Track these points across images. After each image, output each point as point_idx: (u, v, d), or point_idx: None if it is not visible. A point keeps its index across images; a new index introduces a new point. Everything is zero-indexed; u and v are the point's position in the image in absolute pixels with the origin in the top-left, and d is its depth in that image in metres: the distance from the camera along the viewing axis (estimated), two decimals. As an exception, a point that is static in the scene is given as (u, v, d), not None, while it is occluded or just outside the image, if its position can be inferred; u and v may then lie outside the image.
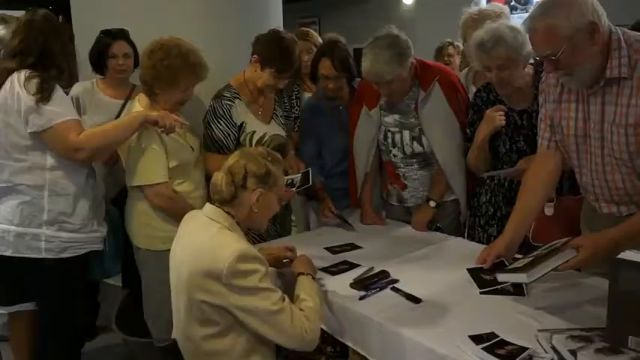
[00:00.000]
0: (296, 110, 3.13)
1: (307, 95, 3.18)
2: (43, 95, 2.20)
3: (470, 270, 2.05)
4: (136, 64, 2.89)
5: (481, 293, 1.92)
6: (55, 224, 2.31)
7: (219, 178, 1.86)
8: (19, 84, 2.21)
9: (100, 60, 2.90)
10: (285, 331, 1.73)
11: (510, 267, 1.90)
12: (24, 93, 2.20)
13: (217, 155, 2.55)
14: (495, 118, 2.37)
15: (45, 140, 2.25)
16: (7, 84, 2.23)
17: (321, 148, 2.96)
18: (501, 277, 1.87)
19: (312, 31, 3.53)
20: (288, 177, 2.45)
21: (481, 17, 2.75)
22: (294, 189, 2.54)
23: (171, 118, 2.35)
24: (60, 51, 2.28)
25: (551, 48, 1.72)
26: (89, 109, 2.89)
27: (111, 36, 2.87)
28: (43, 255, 2.31)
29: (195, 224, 1.88)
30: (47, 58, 2.26)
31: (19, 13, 2.49)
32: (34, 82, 2.20)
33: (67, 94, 2.41)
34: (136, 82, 2.75)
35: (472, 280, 2.01)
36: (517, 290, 1.92)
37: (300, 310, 1.79)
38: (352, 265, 2.23)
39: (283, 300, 1.76)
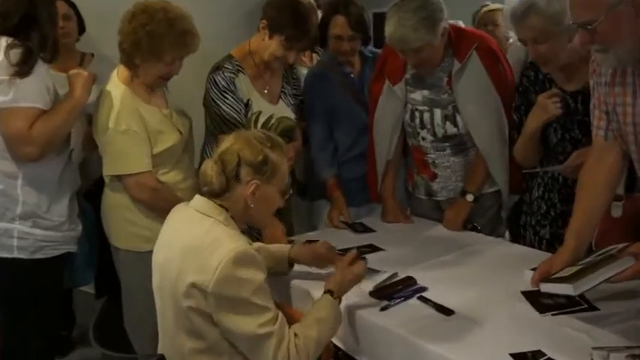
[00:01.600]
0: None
1: (304, 71, 3.16)
2: (23, 69, 2.19)
3: (526, 294, 2.00)
4: (81, 30, 2.91)
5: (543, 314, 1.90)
6: (29, 219, 2.32)
7: (208, 166, 1.86)
8: None
9: None
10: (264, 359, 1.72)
11: (556, 275, 1.89)
12: (2, 60, 2.19)
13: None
14: (549, 106, 2.33)
15: None
16: None
17: (332, 126, 2.95)
18: (545, 286, 1.87)
19: None
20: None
21: None
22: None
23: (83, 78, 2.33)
24: (46, 15, 2.27)
25: (589, 14, 1.71)
26: None
27: None
28: (15, 254, 2.32)
29: (184, 219, 1.88)
30: (32, 23, 2.24)
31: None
32: (18, 51, 2.19)
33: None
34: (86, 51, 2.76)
35: (523, 298, 1.98)
36: (588, 305, 1.90)
37: (295, 335, 1.77)
38: (372, 271, 2.22)
39: (274, 321, 1.74)
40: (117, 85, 2.46)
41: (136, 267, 2.47)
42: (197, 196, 1.89)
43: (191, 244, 1.77)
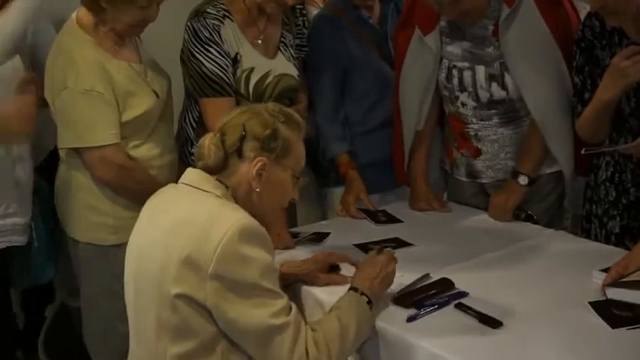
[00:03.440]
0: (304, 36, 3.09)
1: (314, 11, 3.19)
2: None
3: (595, 303, 1.99)
4: None
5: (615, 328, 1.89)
6: None
7: (207, 138, 1.90)
8: None
9: None
10: (277, 357, 1.75)
11: (625, 279, 1.92)
12: None
13: (220, 99, 2.59)
14: (628, 68, 2.27)
15: None
16: None
17: (343, 86, 2.95)
18: (612, 292, 1.91)
19: None
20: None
21: None
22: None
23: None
24: None
25: None
26: None
27: None
28: None
29: (172, 196, 1.93)
30: None
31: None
32: None
33: None
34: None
35: (590, 308, 1.97)
36: None
37: (312, 330, 1.81)
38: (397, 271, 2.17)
39: (289, 310, 1.78)
40: (76, 33, 2.45)
41: (99, 265, 2.47)
42: (189, 169, 1.93)
43: (180, 220, 1.80)
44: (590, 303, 1.96)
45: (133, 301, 1.89)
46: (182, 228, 1.77)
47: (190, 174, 1.91)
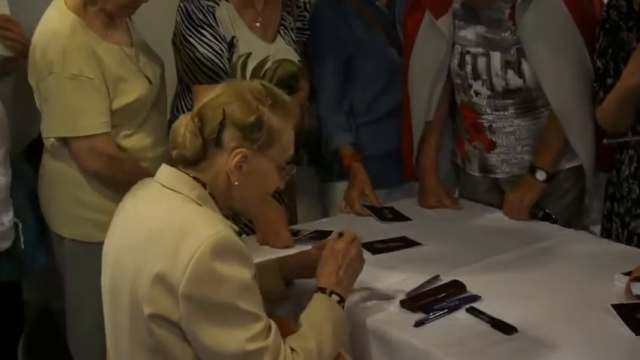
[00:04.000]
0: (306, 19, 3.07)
1: None
2: None
3: (618, 307, 1.98)
4: None
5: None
6: None
7: (183, 123, 1.84)
8: None
9: None
10: None
11: None
12: None
13: (213, 86, 2.58)
14: None
15: None
16: None
17: (348, 73, 2.94)
18: (638, 287, 1.93)
19: None
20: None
21: None
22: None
23: None
24: None
25: None
26: None
27: None
28: None
29: (146, 198, 1.88)
30: None
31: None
32: None
33: None
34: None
35: (613, 312, 1.96)
36: None
37: (291, 350, 1.77)
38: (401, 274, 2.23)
39: (267, 333, 1.73)
40: (63, 13, 2.43)
41: (86, 263, 2.43)
42: (163, 166, 1.88)
43: (153, 231, 1.76)
44: (612, 306, 1.96)
45: (109, 313, 1.88)
46: (153, 242, 1.73)
47: (165, 172, 1.86)
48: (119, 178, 2.37)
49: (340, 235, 2.03)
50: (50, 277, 2.70)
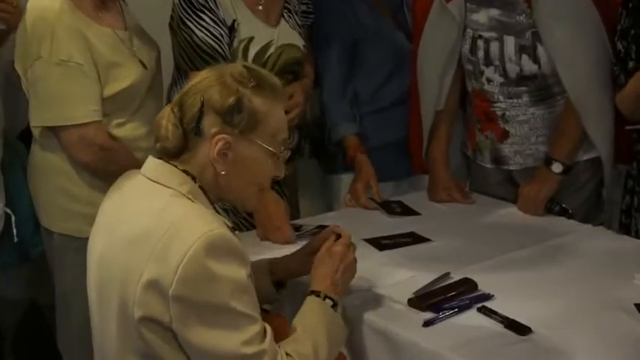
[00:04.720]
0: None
1: None
2: None
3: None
4: None
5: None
6: None
7: (165, 114, 1.83)
8: None
9: None
10: None
11: None
12: None
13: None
14: None
15: None
16: None
17: (353, 59, 2.94)
18: None
19: None
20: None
21: None
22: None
23: None
24: None
25: None
26: None
27: None
28: None
29: (133, 193, 1.87)
30: None
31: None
32: None
33: None
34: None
35: (636, 312, 1.95)
36: None
37: (287, 355, 1.75)
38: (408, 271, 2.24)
39: (263, 336, 1.72)
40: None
41: (74, 258, 2.41)
42: (150, 159, 1.86)
43: (141, 230, 1.73)
44: (635, 305, 1.94)
45: (96, 314, 1.86)
46: (141, 243, 1.70)
47: (152, 165, 1.84)
48: (111, 169, 2.30)
49: (337, 236, 2.02)
50: (38, 273, 2.71)
